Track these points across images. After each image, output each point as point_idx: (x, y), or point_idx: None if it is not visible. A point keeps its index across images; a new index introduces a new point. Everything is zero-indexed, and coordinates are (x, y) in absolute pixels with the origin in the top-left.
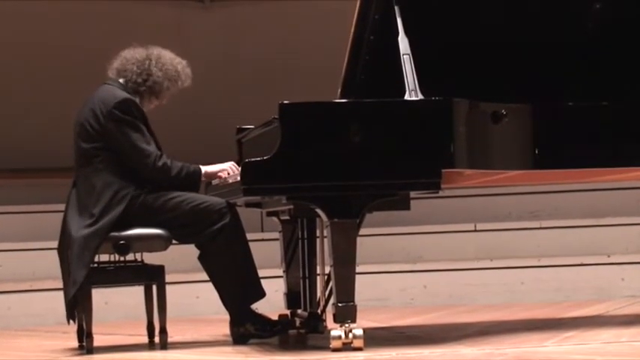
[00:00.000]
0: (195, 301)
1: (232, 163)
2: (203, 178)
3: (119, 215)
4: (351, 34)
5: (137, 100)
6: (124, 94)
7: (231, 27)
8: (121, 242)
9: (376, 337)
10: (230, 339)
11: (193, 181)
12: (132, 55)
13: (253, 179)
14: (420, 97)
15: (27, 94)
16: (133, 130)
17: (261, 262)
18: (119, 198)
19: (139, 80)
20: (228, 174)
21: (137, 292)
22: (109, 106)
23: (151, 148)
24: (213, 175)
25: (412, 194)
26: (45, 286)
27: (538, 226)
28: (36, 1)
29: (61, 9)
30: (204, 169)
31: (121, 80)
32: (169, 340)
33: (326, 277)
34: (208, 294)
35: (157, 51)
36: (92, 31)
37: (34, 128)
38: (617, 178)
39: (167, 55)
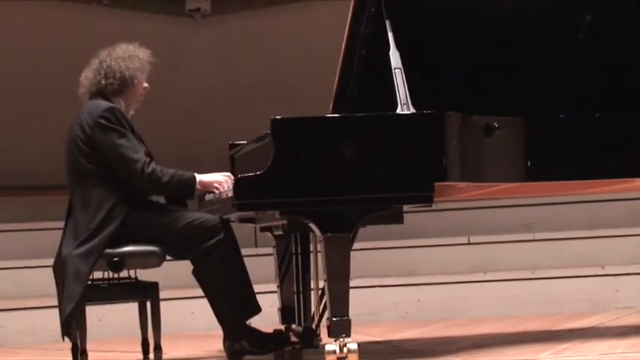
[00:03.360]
0: (190, 317)
1: (228, 174)
2: (198, 186)
3: (114, 231)
4: (343, 48)
5: (123, 103)
6: (108, 104)
7: (223, 42)
8: (115, 259)
9: (371, 352)
10: (225, 355)
11: (187, 188)
12: (89, 69)
13: (246, 195)
14: (412, 110)
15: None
16: (120, 138)
17: (255, 277)
18: (115, 214)
19: (109, 82)
20: (223, 187)
21: (131, 308)
22: (95, 116)
23: (139, 155)
24: (209, 185)
25: (405, 208)
26: (39, 304)
27: (532, 238)
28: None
29: (54, 27)
30: (199, 177)
31: (99, 94)
32: (164, 356)
33: (320, 291)
34: (203, 310)
35: (105, 50)
36: (85, 47)
37: (32, 147)
38: (610, 189)
39: (117, 48)
